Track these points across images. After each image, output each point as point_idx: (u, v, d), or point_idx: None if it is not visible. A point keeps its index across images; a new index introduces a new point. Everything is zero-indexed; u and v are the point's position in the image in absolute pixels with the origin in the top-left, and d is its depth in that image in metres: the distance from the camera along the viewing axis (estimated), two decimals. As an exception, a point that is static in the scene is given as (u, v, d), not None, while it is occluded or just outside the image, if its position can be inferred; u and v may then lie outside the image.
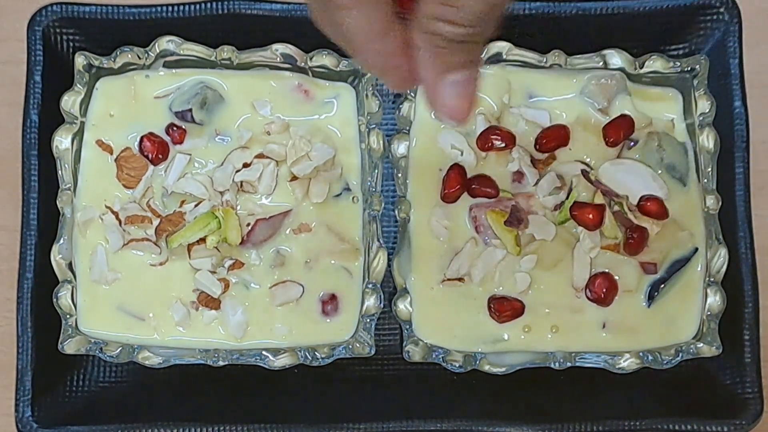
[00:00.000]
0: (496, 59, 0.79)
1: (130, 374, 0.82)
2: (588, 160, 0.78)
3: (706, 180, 0.78)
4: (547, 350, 0.76)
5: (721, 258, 0.76)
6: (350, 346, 0.76)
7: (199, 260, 0.76)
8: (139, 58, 0.78)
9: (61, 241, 0.76)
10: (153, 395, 0.81)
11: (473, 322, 0.77)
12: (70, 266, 0.77)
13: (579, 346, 0.77)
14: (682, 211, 0.78)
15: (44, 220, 0.79)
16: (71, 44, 0.82)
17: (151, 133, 0.78)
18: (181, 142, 0.78)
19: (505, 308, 0.76)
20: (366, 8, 0.50)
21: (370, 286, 0.76)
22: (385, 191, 0.81)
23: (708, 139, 0.78)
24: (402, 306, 0.76)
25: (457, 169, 0.77)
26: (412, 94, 0.79)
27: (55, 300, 0.76)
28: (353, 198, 0.78)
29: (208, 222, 0.76)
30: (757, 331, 0.79)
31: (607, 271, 0.77)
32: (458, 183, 0.77)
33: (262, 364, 0.76)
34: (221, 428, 0.78)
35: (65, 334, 0.76)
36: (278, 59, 0.79)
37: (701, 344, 0.76)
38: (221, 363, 0.75)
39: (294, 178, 0.77)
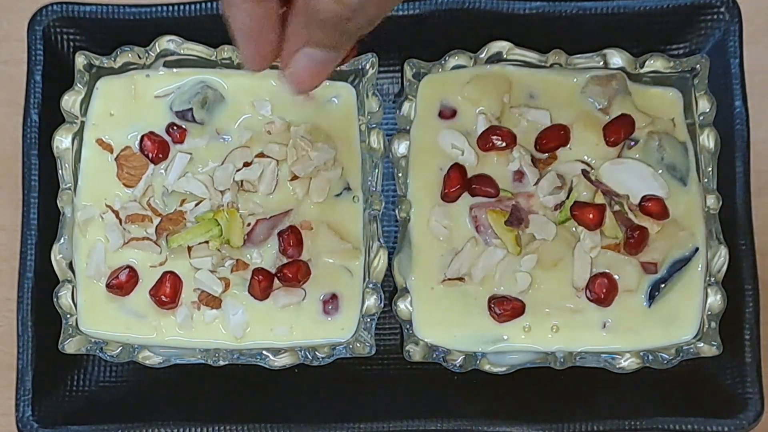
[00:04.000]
0: (497, 59, 0.79)
1: (130, 374, 0.82)
2: (588, 159, 0.78)
3: (706, 179, 0.78)
4: (548, 350, 0.76)
5: (721, 257, 0.76)
6: (351, 346, 0.76)
7: (199, 260, 0.76)
8: (140, 57, 0.78)
9: (62, 241, 0.76)
10: (153, 395, 0.81)
11: (473, 322, 0.77)
12: (70, 266, 0.76)
13: (579, 345, 0.77)
14: (682, 211, 0.78)
15: (44, 219, 0.79)
16: (71, 44, 0.82)
17: (151, 133, 0.78)
18: (181, 142, 0.78)
19: (506, 308, 0.76)
20: None
21: (370, 285, 0.76)
22: (386, 191, 0.81)
23: (708, 139, 0.78)
24: (402, 306, 0.76)
25: (457, 168, 0.77)
26: (412, 94, 0.79)
27: (55, 299, 0.76)
28: (354, 197, 0.78)
29: (210, 228, 0.76)
30: (757, 331, 0.79)
31: (607, 270, 0.77)
32: (459, 182, 0.77)
33: (262, 364, 0.76)
34: (221, 428, 0.78)
35: (65, 333, 0.76)
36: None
37: (702, 344, 0.76)
38: (221, 363, 0.75)
39: (294, 177, 0.77)
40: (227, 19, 0.53)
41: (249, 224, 0.77)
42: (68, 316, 0.76)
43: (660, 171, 0.78)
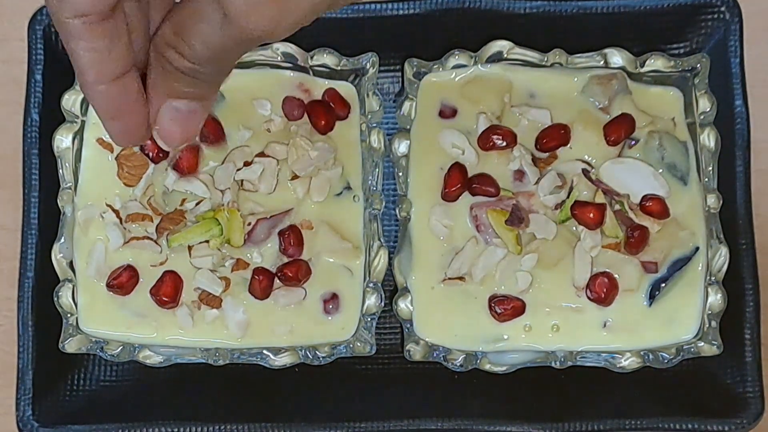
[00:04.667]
0: (497, 58, 0.79)
1: (130, 373, 0.82)
2: (589, 159, 0.78)
3: (707, 179, 0.78)
4: (548, 349, 0.76)
5: (722, 257, 0.76)
6: (351, 345, 0.76)
7: (199, 259, 0.76)
8: (140, 57, 0.78)
9: (62, 240, 0.76)
10: (153, 394, 0.81)
11: (474, 321, 0.77)
12: (70, 265, 0.76)
13: (580, 345, 0.77)
14: (683, 210, 0.78)
15: (45, 219, 0.79)
16: (72, 43, 0.82)
17: (152, 132, 0.78)
18: (181, 141, 0.78)
19: (506, 307, 0.76)
20: (99, 43, 0.48)
21: (371, 285, 0.76)
22: (386, 190, 0.81)
23: (709, 138, 0.78)
24: (403, 305, 0.76)
25: (457, 168, 0.77)
26: (412, 93, 0.79)
27: (55, 299, 0.76)
28: (354, 197, 0.78)
29: (210, 227, 0.76)
30: (758, 330, 0.79)
31: (607, 270, 0.77)
32: (459, 182, 0.77)
33: (262, 364, 0.76)
34: (221, 428, 0.78)
35: (66, 333, 0.76)
36: (279, 58, 0.79)
37: (702, 343, 0.76)
38: (222, 362, 0.75)
39: (295, 176, 0.77)
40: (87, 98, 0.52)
41: (249, 224, 0.77)
42: (68, 315, 0.76)
43: (660, 170, 0.78)
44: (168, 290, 0.75)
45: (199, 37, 0.48)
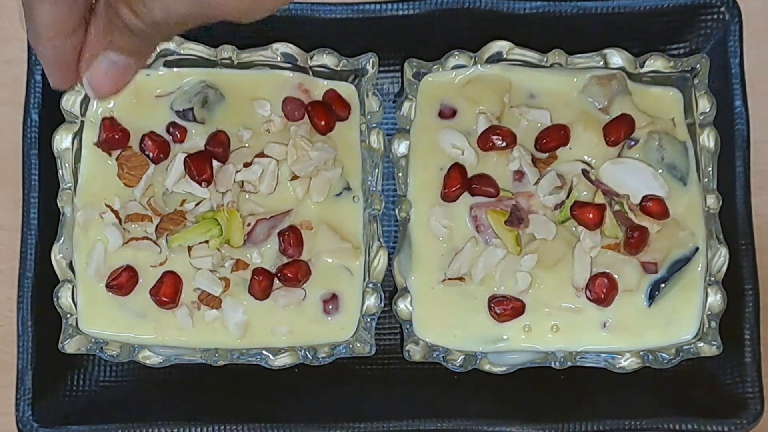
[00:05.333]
0: (497, 58, 0.79)
1: (130, 373, 0.82)
2: (589, 159, 0.78)
3: (706, 179, 0.78)
4: (548, 350, 0.76)
5: (721, 257, 0.76)
6: (351, 346, 0.76)
7: (199, 259, 0.76)
8: (140, 57, 0.78)
9: (62, 241, 0.76)
10: (153, 395, 0.81)
11: (474, 322, 0.77)
12: (70, 265, 0.76)
13: (579, 345, 0.77)
14: (682, 211, 0.78)
15: (44, 219, 0.79)
16: (72, 43, 0.82)
17: (152, 132, 0.78)
18: (182, 141, 0.78)
19: (506, 308, 0.76)
20: (63, 6, 0.51)
21: (370, 285, 0.76)
22: (386, 190, 0.81)
23: (708, 139, 0.78)
24: (402, 305, 0.76)
25: (457, 168, 0.77)
26: (412, 93, 0.79)
27: (55, 299, 0.76)
28: (354, 197, 0.78)
29: (210, 228, 0.76)
30: (757, 331, 0.79)
31: (607, 270, 0.77)
32: (459, 182, 0.77)
33: (262, 364, 0.76)
34: (221, 428, 0.78)
35: (66, 333, 0.76)
36: (279, 58, 0.79)
37: (702, 344, 0.76)
38: (221, 362, 0.75)
39: (294, 177, 0.77)
40: (35, 49, 0.54)
41: (249, 224, 0.77)
42: (68, 315, 0.76)
43: (660, 171, 0.78)
44: (168, 291, 0.75)
45: (160, 4, 0.49)
